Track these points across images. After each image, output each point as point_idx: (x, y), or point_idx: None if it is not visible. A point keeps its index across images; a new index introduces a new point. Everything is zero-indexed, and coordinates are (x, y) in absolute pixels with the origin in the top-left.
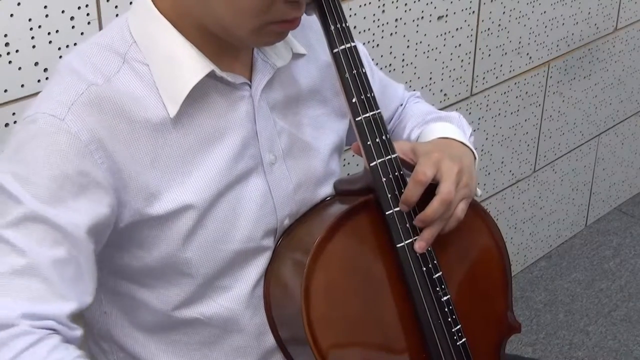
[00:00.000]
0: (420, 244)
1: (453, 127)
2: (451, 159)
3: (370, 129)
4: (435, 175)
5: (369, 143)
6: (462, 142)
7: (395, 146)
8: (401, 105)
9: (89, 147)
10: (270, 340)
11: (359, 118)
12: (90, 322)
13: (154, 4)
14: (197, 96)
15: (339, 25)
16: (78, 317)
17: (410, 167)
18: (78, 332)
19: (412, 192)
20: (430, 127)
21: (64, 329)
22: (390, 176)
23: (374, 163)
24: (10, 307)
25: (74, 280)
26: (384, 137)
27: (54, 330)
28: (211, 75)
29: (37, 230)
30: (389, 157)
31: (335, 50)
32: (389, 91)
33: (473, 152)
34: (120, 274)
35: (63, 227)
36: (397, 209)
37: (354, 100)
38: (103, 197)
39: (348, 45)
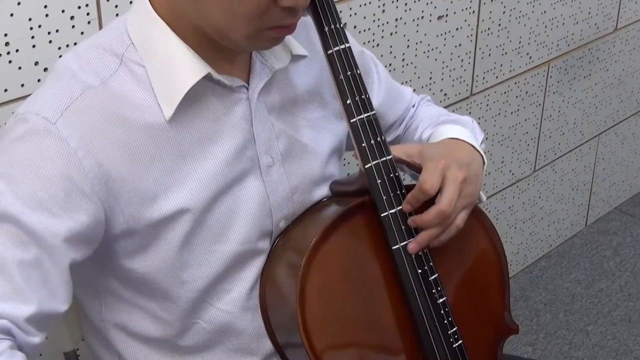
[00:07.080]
0: (412, 246)
1: (465, 130)
2: (458, 165)
3: (365, 130)
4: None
5: (363, 145)
6: (471, 145)
7: (403, 149)
8: (413, 106)
9: (77, 153)
10: (269, 342)
11: (354, 120)
12: (95, 325)
13: (152, 6)
14: (194, 98)
15: (333, 27)
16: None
17: (416, 169)
18: (35, 338)
19: (416, 198)
20: (442, 128)
21: (19, 332)
22: (386, 178)
23: (369, 165)
24: None
25: (39, 285)
26: (379, 139)
27: (8, 331)
28: (208, 77)
29: (7, 229)
30: (384, 158)
31: (330, 52)
32: (394, 93)
33: (482, 157)
34: (124, 280)
35: (36, 232)
36: (393, 211)
37: (348, 102)
38: (86, 205)
39: (342, 46)
